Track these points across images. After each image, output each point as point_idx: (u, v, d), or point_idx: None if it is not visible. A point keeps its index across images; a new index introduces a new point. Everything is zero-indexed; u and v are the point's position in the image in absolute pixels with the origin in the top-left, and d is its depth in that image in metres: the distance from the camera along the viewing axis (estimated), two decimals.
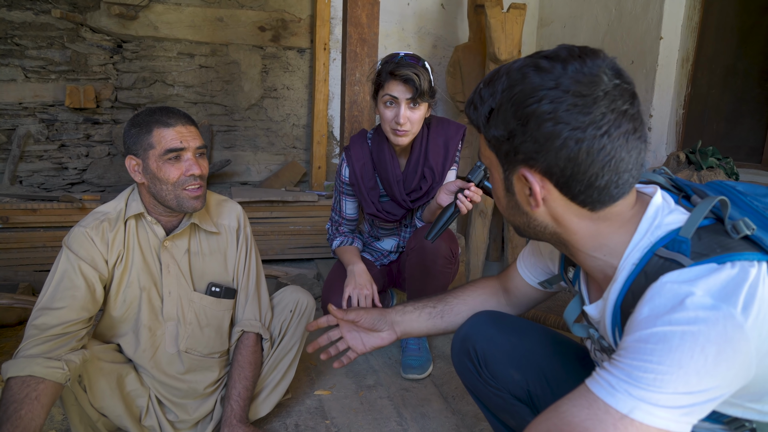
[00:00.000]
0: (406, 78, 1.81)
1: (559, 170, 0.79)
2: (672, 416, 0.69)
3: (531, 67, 0.79)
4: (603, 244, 0.85)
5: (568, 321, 1.03)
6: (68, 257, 1.38)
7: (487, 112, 0.83)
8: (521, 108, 0.78)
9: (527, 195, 0.84)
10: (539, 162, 0.79)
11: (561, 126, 0.76)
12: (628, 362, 0.72)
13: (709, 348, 0.68)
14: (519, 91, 0.78)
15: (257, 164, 3.79)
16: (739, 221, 0.78)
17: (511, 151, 0.82)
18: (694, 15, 2.90)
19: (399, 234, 2.24)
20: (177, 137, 1.38)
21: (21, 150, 3.25)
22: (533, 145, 0.79)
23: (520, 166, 0.82)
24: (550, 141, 0.77)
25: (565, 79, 0.76)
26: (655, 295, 0.73)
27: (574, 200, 0.82)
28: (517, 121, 0.79)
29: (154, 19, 3.39)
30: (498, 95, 0.81)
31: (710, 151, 2.38)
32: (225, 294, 1.58)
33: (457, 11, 3.94)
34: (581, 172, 0.78)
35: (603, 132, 0.75)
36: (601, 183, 0.78)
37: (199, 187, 1.42)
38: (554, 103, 0.76)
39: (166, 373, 1.54)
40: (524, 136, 0.79)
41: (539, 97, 0.77)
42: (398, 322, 1.28)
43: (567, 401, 0.77)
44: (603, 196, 0.80)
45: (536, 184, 0.82)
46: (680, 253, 0.76)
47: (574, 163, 0.77)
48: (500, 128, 0.82)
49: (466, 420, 1.79)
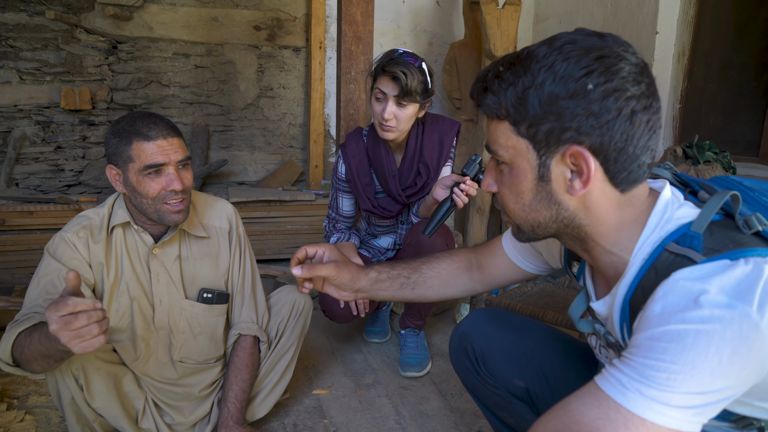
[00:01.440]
0: (394, 75, 1.82)
1: (614, 144, 0.75)
2: (684, 416, 0.68)
3: (569, 43, 0.76)
4: (623, 237, 0.83)
5: (573, 317, 1.01)
6: (50, 264, 1.34)
7: (521, 92, 0.78)
8: (572, 80, 0.75)
9: (567, 179, 0.80)
10: (593, 136, 0.75)
11: (620, 95, 0.74)
12: (640, 361, 0.70)
13: (724, 347, 0.66)
14: (566, 66, 0.75)
15: (254, 164, 3.78)
16: (752, 216, 0.76)
17: (555, 130, 0.77)
18: (689, 9, 2.89)
19: (396, 231, 2.24)
20: (157, 152, 1.31)
21: (17, 152, 3.24)
22: (588, 119, 0.75)
23: (568, 144, 0.77)
24: (610, 112, 0.74)
25: (610, 49, 0.75)
26: (668, 292, 0.72)
27: (613, 180, 0.79)
28: (568, 93, 0.75)
29: (149, 19, 3.37)
30: (536, 72, 0.77)
31: (707, 145, 2.37)
32: (217, 299, 1.55)
33: (453, 8, 3.93)
34: (632, 146, 0.76)
35: (648, 104, 0.75)
36: (642, 159, 0.78)
37: (181, 200, 1.37)
38: (610, 72, 0.74)
39: (161, 379, 1.53)
40: (577, 109, 0.75)
41: (592, 69, 0.74)
42: (364, 290, 1.19)
43: (576, 399, 0.75)
44: (639, 172, 0.79)
45: (591, 160, 0.77)
46: (692, 249, 0.75)
47: (627, 135, 0.75)
48: (544, 107, 0.77)
49: (465, 418, 1.79)
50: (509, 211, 0.88)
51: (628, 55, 0.76)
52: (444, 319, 2.60)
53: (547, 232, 0.87)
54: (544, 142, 0.79)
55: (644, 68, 0.77)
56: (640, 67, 0.76)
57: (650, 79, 0.77)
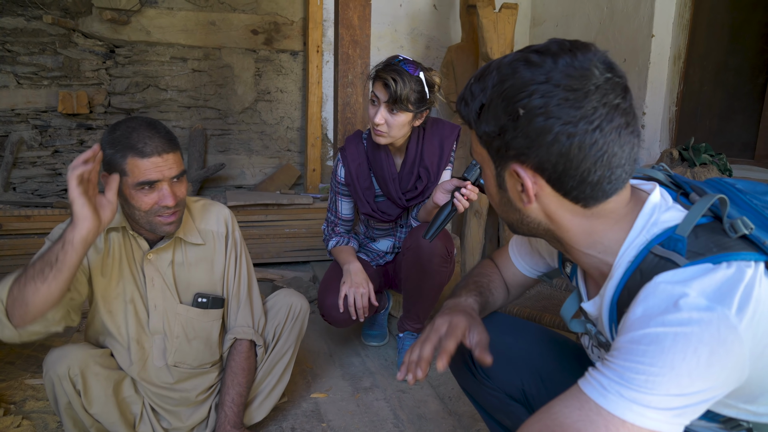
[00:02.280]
0: (385, 81, 1.83)
1: (551, 166, 0.77)
2: (663, 418, 0.69)
3: (521, 61, 0.78)
4: (597, 242, 0.84)
5: (565, 317, 1.02)
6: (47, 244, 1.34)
7: (478, 108, 0.82)
8: (512, 103, 0.77)
9: (519, 191, 0.83)
10: (531, 157, 0.78)
11: (552, 121, 0.75)
12: (620, 363, 0.71)
13: (701, 349, 0.67)
14: (509, 86, 0.77)
15: (252, 167, 3.78)
16: (737, 220, 0.77)
17: (502, 147, 0.81)
18: (685, 12, 2.91)
19: (395, 235, 2.24)
20: (152, 168, 1.30)
21: (14, 156, 3.24)
22: (524, 141, 0.77)
23: (512, 162, 0.81)
24: (541, 136, 0.76)
25: (556, 73, 0.75)
26: (648, 295, 0.73)
27: (566, 196, 0.81)
28: (507, 116, 0.78)
29: (147, 23, 3.38)
30: (488, 90, 0.80)
31: (703, 147, 2.38)
32: (212, 304, 1.54)
33: (450, 12, 3.94)
34: (573, 168, 0.76)
35: (595, 126, 0.74)
36: (594, 178, 0.77)
37: (173, 213, 1.37)
38: (545, 98, 0.74)
39: (157, 384, 1.52)
40: (515, 131, 0.77)
41: (530, 92, 0.75)
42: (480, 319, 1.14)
43: (559, 402, 0.76)
44: (596, 192, 0.79)
45: (528, 180, 0.80)
46: (676, 252, 0.76)
47: (566, 158, 0.76)
48: (491, 124, 0.80)
49: (463, 421, 1.79)
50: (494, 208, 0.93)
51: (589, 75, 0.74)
52: None
53: (525, 232, 0.91)
54: (495, 156, 0.84)
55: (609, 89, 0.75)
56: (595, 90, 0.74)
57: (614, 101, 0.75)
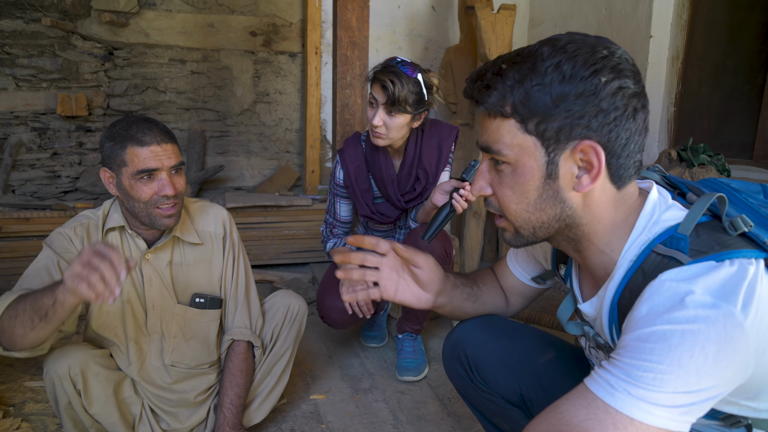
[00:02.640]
0: (383, 83, 1.83)
1: (619, 140, 0.78)
2: (671, 415, 0.69)
3: (571, 43, 0.78)
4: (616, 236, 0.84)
5: (561, 319, 1.02)
6: (47, 254, 1.37)
7: (529, 90, 0.78)
8: (580, 79, 0.76)
9: (575, 175, 0.81)
10: (602, 133, 0.78)
11: (625, 92, 0.77)
12: (627, 361, 0.71)
13: (709, 347, 0.67)
14: (573, 64, 0.76)
15: (250, 169, 3.78)
16: (737, 218, 0.77)
17: (566, 126, 0.78)
18: (683, 13, 2.91)
19: (393, 236, 2.25)
20: (151, 157, 1.33)
21: (13, 159, 3.24)
22: (597, 116, 0.77)
23: (578, 140, 0.78)
24: (617, 110, 0.77)
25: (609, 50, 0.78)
26: (654, 293, 0.73)
27: (612, 176, 0.82)
28: (579, 92, 0.76)
29: (145, 25, 3.38)
30: (544, 72, 0.77)
31: (701, 148, 2.38)
32: (210, 304, 1.55)
33: (448, 13, 3.94)
34: (633, 143, 0.79)
35: (644, 103, 0.80)
36: (637, 156, 0.81)
37: (173, 205, 1.39)
38: (616, 71, 0.77)
39: (155, 384, 1.53)
40: (586, 106, 0.76)
41: (599, 67, 0.76)
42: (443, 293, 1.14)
43: (565, 401, 0.76)
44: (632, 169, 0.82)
45: (602, 154, 0.78)
46: (678, 251, 0.76)
47: (630, 132, 0.78)
48: (554, 104, 0.77)
49: (463, 422, 1.79)
50: (510, 212, 0.87)
51: (625, 55, 0.80)
52: (441, 324, 2.60)
53: (547, 233, 0.87)
54: (554, 138, 0.79)
55: (637, 69, 0.81)
56: (635, 67, 0.80)
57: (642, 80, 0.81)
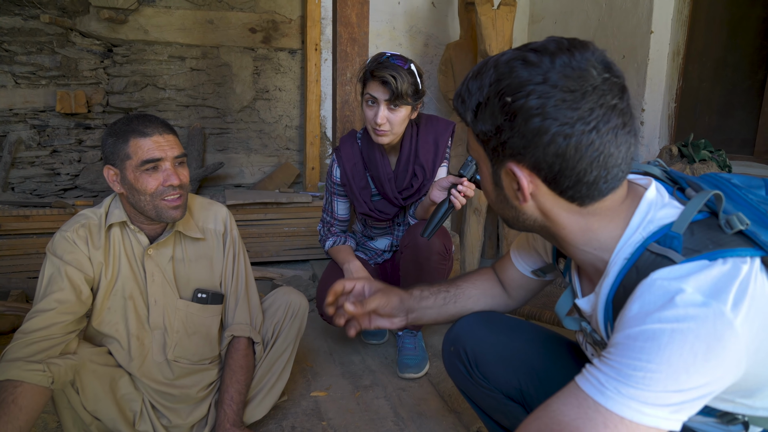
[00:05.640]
0: (384, 79, 1.82)
1: (547, 166, 0.77)
2: (662, 414, 0.69)
3: (519, 60, 0.77)
4: (593, 239, 0.84)
5: (559, 314, 1.03)
6: (52, 262, 1.37)
7: (475, 106, 0.81)
8: (508, 103, 0.76)
9: (515, 189, 0.83)
10: (527, 157, 0.78)
11: (549, 122, 0.74)
12: (617, 360, 0.72)
13: (698, 346, 0.67)
14: (506, 86, 0.77)
15: (250, 166, 3.78)
16: (733, 216, 0.77)
17: (498, 146, 0.80)
18: (683, 8, 2.90)
19: (392, 233, 2.24)
20: (154, 147, 1.35)
21: (12, 156, 3.23)
22: (521, 141, 0.77)
23: (508, 160, 0.81)
24: (537, 137, 0.75)
25: (553, 74, 0.74)
26: (645, 291, 0.73)
27: (562, 195, 0.81)
28: (504, 116, 0.77)
29: (144, 22, 3.37)
30: (485, 89, 0.79)
31: (702, 143, 2.38)
32: (212, 300, 1.56)
33: (448, 9, 3.93)
34: (569, 168, 0.77)
35: (591, 127, 0.74)
36: (590, 179, 0.77)
37: (178, 196, 1.40)
38: (542, 99, 0.74)
39: (157, 380, 1.52)
40: (512, 131, 0.77)
41: (527, 92, 0.75)
42: (413, 309, 1.22)
43: (557, 400, 0.76)
44: (592, 191, 0.79)
45: (524, 180, 0.80)
46: (672, 249, 0.76)
47: (562, 158, 0.76)
48: (487, 123, 0.80)
49: (464, 418, 1.78)
50: None
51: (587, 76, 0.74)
52: None
53: (522, 227, 0.90)
54: (492, 154, 0.83)
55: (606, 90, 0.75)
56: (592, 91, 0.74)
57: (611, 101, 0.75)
